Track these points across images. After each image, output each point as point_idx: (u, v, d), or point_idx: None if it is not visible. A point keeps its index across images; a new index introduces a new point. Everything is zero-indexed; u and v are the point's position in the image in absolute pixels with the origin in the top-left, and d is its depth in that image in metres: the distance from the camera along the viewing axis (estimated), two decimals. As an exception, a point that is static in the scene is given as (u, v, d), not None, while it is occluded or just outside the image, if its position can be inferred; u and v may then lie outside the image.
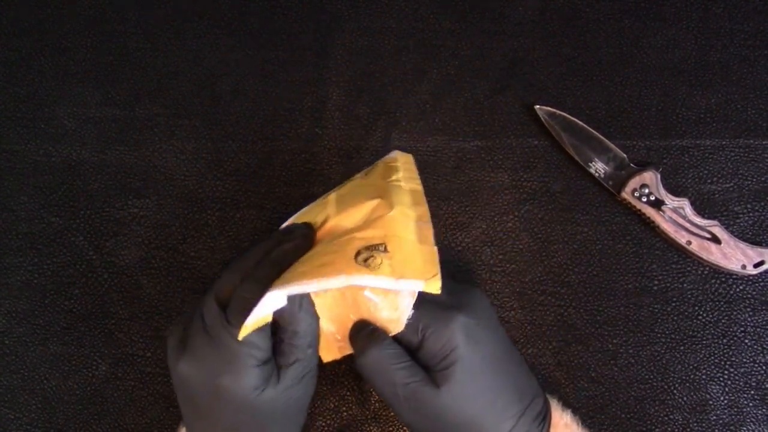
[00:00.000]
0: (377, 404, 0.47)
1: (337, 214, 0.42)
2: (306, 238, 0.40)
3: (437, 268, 0.41)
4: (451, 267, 0.49)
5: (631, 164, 0.49)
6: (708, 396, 0.47)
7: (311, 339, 0.38)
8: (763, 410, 0.46)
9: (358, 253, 0.38)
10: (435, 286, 0.39)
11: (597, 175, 0.50)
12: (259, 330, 0.36)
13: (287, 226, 0.41)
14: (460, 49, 0.53)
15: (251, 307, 0.35)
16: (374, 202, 0.41)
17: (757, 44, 0.52)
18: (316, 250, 0.39)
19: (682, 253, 0.49)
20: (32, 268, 0.50)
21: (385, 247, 0.39)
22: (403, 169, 0.47)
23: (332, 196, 0.44)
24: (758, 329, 0.47)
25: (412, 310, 0.38)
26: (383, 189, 0.43)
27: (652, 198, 0.48)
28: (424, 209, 0.44)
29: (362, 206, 0.41)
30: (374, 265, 0.38)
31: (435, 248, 0.42)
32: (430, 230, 0.43)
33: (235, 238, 0.50)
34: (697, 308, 0.48)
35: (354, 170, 0.48)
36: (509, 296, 0.49)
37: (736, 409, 0.46)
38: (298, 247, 0.39)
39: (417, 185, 0.45)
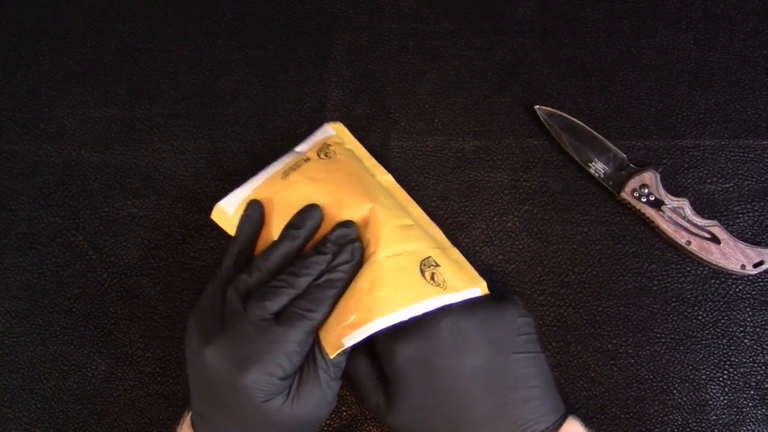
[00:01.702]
0: (377, 404, 0.47)
1: (331, 208, 0.42)
2: (361, 253, 0.39)
3: (474, 270, 0.43)
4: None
5: (631, 164, 0.49)
6: (707, 396, 0.47)
7: (340, 372, 0.39)
8: (763, 410, 0.46)
9: (422, 271, 0.39)
10: (484, 288, 0.42)
11: (597, 175, 0.50)
12: (298, 346, 0.37)
13: (338, 235, 0.40)
14: (459, 50, 0.53)
15: (308, 323, 0.37)
16: (368, 207, 0.41)
17: (756, 44, 0.52)
18: (374, 267, 0.39)
19: (682, 253, 0.49)
20: (31, 267, 0.50)
21: (435, 261, 0.40)
22: (362, 156, 0.48)
23: (300, 179, 0.44)
24: (758, 329, 0.47)
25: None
26: (373, 190, 0.43)
27: (652, 198, 0.48)
28: (417, 208, 0.46)
29: (357, 206, 0.41)
30: (440, 281, 0.40)
31: (455, 249, 0.45)
32: (440, 230, 0.45)
33: (235, 238, 0.50)
34: (696, 308, 0.48)
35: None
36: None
37: (735, 409, 0.46)
38: (354, 268, 0.39)
39: (387, 174, 0.47)
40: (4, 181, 0.52)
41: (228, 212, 0.44)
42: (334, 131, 0.49)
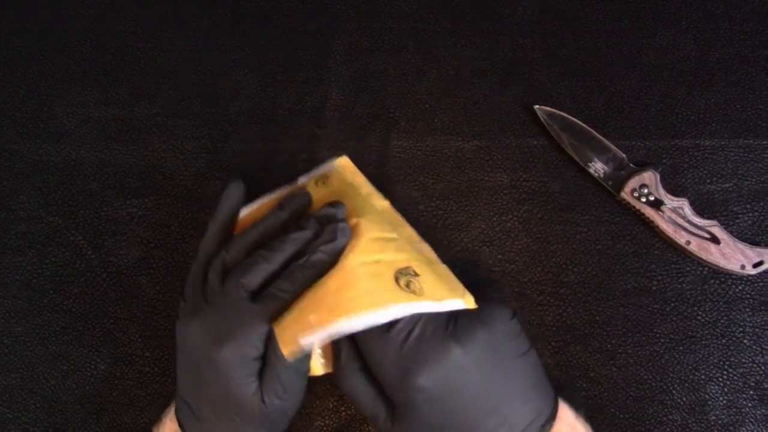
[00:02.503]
0: (376, 404, 0.47)
1: None
2: (346, 237, 0.38)
3: (461, 285, 0.42)
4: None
5: (631, 164, 0.49)
6: (707, 396, 0.47)
7: (303, 371, 0.38)
8: (762, 410, 0.46)
9: (396, 279, 0.38)
10: (471, 302, 0.40)
11: (596, 175, 0.50)
12: (256, 338, 0.36)
13: (323, 214, 0.39)
14: (459, 49, 0.53)
15: (284, 304, 0.36)
16: (353, 221, 0.40)
17: (756, 44, 0.52)
18: (344, 271, 0.38)
19: (682, 253, 0.49)
20: (31, 267, 0.50)
21: (414, 271, 0.39)
22: (360, 184, 0.47)
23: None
24: (757, 329, 0.47)
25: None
26: (360, 209, 0.42)
27: (652, 198, 0.48)
28: (410, 229, 0.46)
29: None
30: (416, 289, 0.38)
31: (445, 266, 0.44)
32: (430, 249, 0.45)
33: (234, 238, 0.50)
34: (696, 308, 0.48)
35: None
36: (508, 296, 0.49)
37: (734, 410, 0.46)
38: (337, 248, 0.38)
39: (384, 200, 0.47)
40: (4, 180, 0.52)
41: None
42: (337, 167, 0.49)
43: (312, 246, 0.38)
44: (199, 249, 0.41)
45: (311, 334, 0.35)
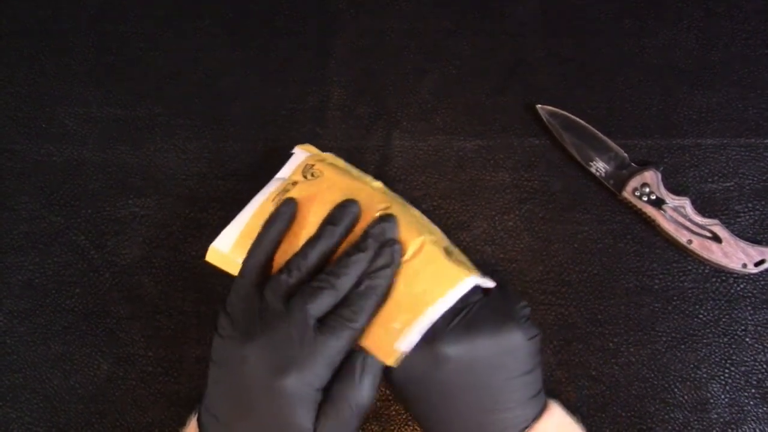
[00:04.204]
0: (377, 404, 0.47)
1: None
2: (401, 255, 0.38)
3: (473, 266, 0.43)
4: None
5: (632, 163, 0.49)
6: (709, 394, 0.47)
7: (367, 406, 0.37)
8: (764, 408, 0.46)
9: (447, 256, 0.38)
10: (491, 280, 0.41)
11: (598, 174, 0.50)
12: (338, 356, 0.36)
13: (380, 230, 0.38)
14: (460, 49, 0.54)
15: (350, 332, 0.35)
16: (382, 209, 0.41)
17: (758, 44, 0.53)
18: (403, 267, 0.38)
19: (683, 252, 0.49)
20: (33, 267, 0.50)
21: (451, 251, 0.40)
22: (346, 167, 0.47)
23: (293, 198, 0.42)
24: (759, 328, 0.47)
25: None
26: (374, 197, 0.42)
27: (653, 197, 0.48)
28: (415, 209, 0.46)
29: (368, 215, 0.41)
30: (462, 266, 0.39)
31: (456, 247, 0.44)
32: (439, 229, 0.45)
33: (237, 238, 0.50)
34: (697, 307, 0.48)
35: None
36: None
37: (736, 408, 0.47)
38: (395, 270, 0.37)
39: (377, 181, 0.46)
40: (6, 180, 0.52)
41: (224, 251, 0.43)
42: (308, 153, 0.48)
43: (373, 270, 0.37)
44: (247, 264, 0.39)
45: (406, 338, 0.36)
